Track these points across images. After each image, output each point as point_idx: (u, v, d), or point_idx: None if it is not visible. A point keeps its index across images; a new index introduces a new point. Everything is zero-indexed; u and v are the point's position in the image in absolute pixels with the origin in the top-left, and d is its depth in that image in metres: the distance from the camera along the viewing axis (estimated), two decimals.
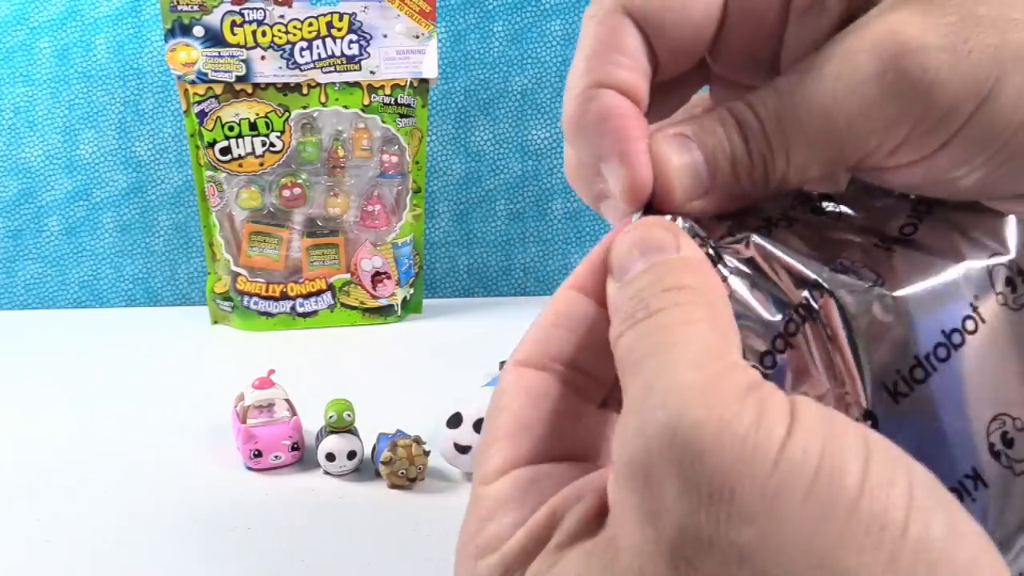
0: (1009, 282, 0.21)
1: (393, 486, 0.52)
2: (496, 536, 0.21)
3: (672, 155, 0.22)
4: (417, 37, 0.82)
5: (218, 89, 0.80)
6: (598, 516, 0.19)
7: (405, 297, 0.88)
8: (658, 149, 0.22)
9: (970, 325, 0.21)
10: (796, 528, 0.16)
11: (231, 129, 0.81)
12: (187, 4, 0.78)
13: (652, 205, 0.22)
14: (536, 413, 0.21)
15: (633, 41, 0.22)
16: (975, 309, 0.21)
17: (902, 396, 0.21)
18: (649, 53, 0.23)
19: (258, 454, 0.53)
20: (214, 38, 0.79)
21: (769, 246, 0.22)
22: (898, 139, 0.20)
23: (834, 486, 0.16)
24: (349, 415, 0.53)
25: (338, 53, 0.81)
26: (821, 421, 0.17)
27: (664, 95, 0.24)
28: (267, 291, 0.84)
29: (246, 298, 0.84)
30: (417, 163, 0.86)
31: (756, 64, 0.23)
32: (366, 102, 0.83)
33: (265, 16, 0.79)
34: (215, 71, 0.79)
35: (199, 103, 0.80)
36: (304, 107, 0.82)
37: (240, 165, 0.82)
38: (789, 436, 0.16)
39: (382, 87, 0.83)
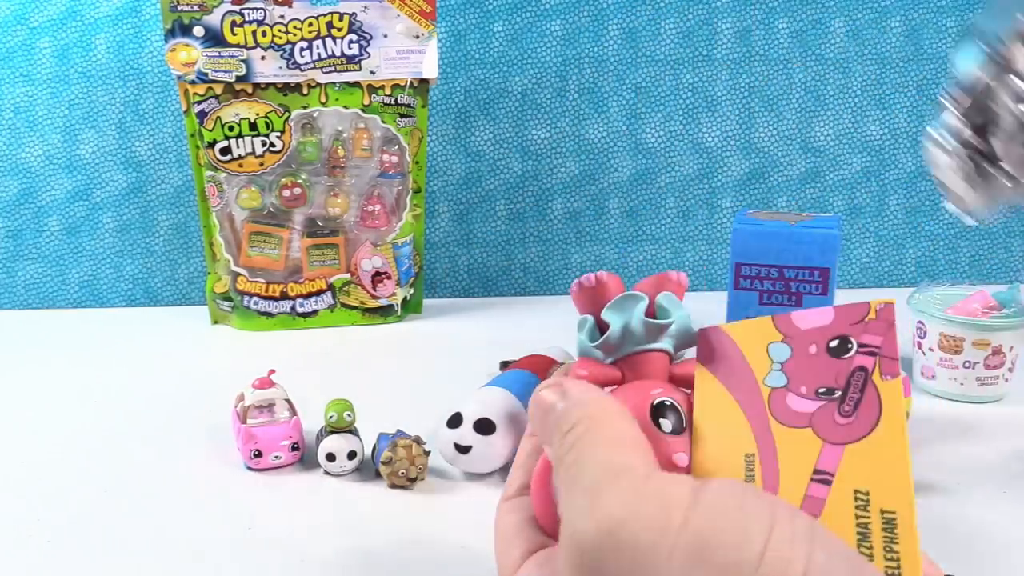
0: None
1: (393, 486, 0.52)
2: None
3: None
4: (417, 37, 0.82)
5: (218, 89, 0.80)
6: None
7: (405, 297, 0.88)
8: None
9: None
10: None
11: (231, 129, 0.81)
12: (187, 4, 0.78)
13: None
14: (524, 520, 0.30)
15: None
16: None
17: None
18: None
19: (258, 454, 0.53)
20: (214, 38, 0.79)
21: None
22: None
23: (718, 559, 0.20)
24: (349, 415, 0.53)
25: (338, 53, 0.81)
26: (710, 508, 0.22)
27: None
28: (267, 291, 0.84)
29: (246, 298, 0.84)
30: (417, 163, 0.86)
31: None
32: (366, 102, 0.83)
33: (265, 16, 0.79)
34: (215, 71, 0.79)
35: (199, 103, 0.80)
36: (304, 107, 0.82)
37: (240, 165, 0.82)
38: (683, 529, 0.21)
39: (382, 87, 0.83)
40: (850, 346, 0.26)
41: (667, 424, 0.28)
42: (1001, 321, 0.64)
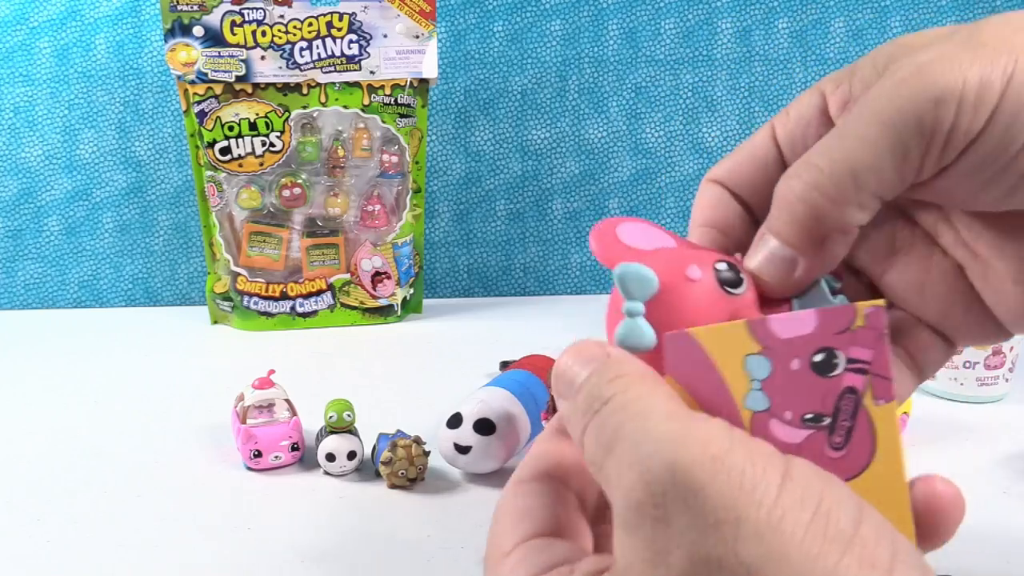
0: None
1: (393, 486, 0.52)
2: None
3: (755, 258, 0.27)
4: (417, 37, 0.82)
5: (218, 89, 0.80)
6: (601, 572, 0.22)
7: (405, 297, 0.88)
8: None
9: None
10: (799, 549, 0.18)
11: (231, 129, 0.81)
12: (187, 4, 0.78)
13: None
14: (533, 509, 0.26)
15: (728, 206, 0.30)
16: None
17: None
18: (745, 208, 0.29)
19: (258, 454, 0.53)
20: (214, 38, 0.79)
21: None
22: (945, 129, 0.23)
23: (831, 526, 0.19)
24: (349, 415, 0.53)
25: (338, 53, 0.81)
26: (818, 476, 0.20)
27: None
28: (267, 291, 0.84)
29: (246, 298, 0.84)
30: (417, 163, 0.86)
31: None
32: (366, 102, 0.83)
33: (265, 16, 0.79)
34: (215, 71, 0.79)
35: (199, 103, 0.80)
36: (304, 107, 0.82)
37: (240, 165, 0.82)
38: (788, 479, 0.19)
39: (382, 87, 0.83)
40: (836, 361, 0.22)
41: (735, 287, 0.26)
42: None
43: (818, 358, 0.22)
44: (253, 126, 0.81)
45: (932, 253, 0.28)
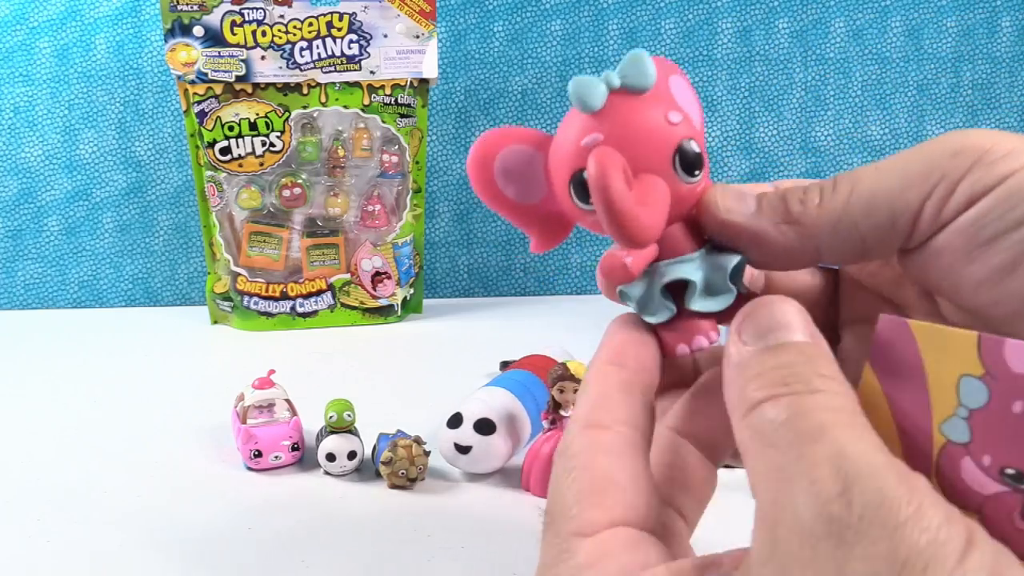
0: None
1: (393, 486, 0.52)
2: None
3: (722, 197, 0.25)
4: (417, 37, 0.82)
5: (218, 89, 0.80)
6: None
7: (405, 297, 0.88)
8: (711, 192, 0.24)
9: None
10: None
11: (231, 129, 0.81)
12: (187, 4, 0.78)
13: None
14: (622, 474, 0.22)
15: None
16: None
17: None
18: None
19: (258, 454, 0.53)
20: (214, 38, 0.79)
21: None
22: (929, 191, 0.22)
23: None
24: (349, 415, 0.53)
25: (338, 53, 0.81)
26: (997, 550, 0.18)
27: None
28: (267, 291, 0.84)
29: (246, 298, 0.84)
30: (417, 163, 0.86)
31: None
32: (366, 102, 0.83)
33: (265, 16, 0.79)
34: (215, 71, 0.79)
35: (199, 103, 0.80)
36: (304, 107, 0.82)
37: (240, 165, 0.82)
38: (972, 545, 0.17)
39: (382, 87, 0.83)
40: None
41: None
42: None
43: None
44: (253, 126, 0.81)
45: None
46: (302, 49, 0.80)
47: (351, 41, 0.81)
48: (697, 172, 0.24)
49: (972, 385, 0.19)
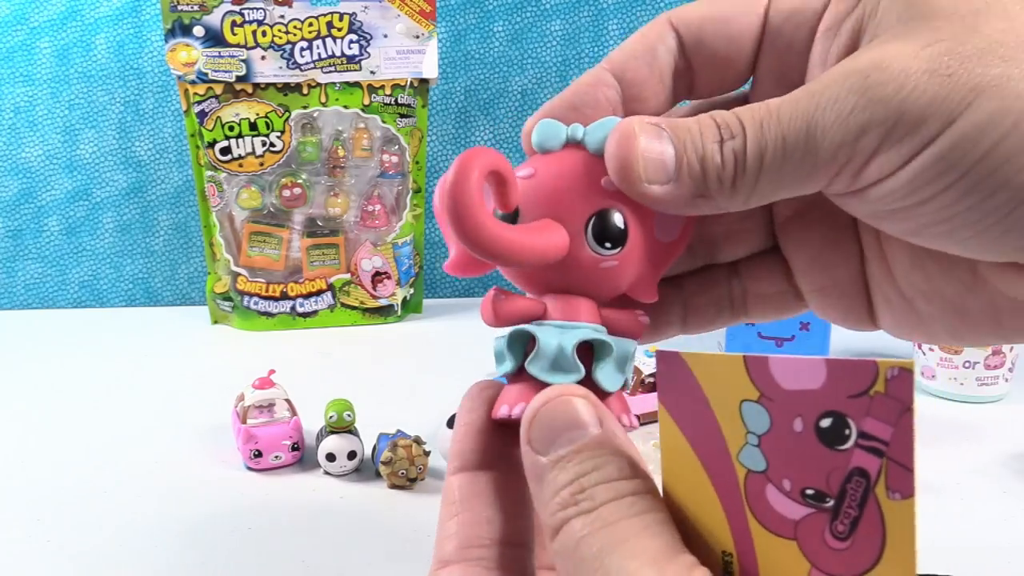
0: None
1: (393, 486, 0.52)
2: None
3: (641, 136, 0.22)
4: (417, 37, 0.82)
5: (218, 89, 0.80)
6: None
7: (405, 297, 0.88)
8: (628, 127, 0.22)
9: None
10: None
11: (231, 129, 0.81)
12: (187, 4, 0.78)
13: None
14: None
15: (664, 45, 0.24)
16: None
17: None
18: (684, 64, 0.25)
19: (258, 454, 0.53)
20: (214, 38, 0.79)
21: None
22: (867, 152, 0.20)
23: None
24: (349, 415, 0.53)
25: (338, 53, 0.81)
26: None
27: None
28: (267, 291, 0.84)
29: (246, 298, 0.84)
30: (417, 163, 0.86)
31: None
32: (366, 102, 0.83)
33: (265, 16, 0.79)
34: (215, 71, 0.79)
35: (199, 103, 0.80)
36: (304, 107, 0.82)
37: (240, 165, 0.82)
38: None
39: (382, 87, 0.83)
40: (847, 432, 0.18)
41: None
42: None
43: (825, 423, 0.18)
44: (253, 126, 0.81)
45: (841, 227, 0.26)
46: (302, 49, 0.80)
47: (351, 41, 0.81)
48: (609, 246, 0.23)
49: (753, 410, 0.19)
